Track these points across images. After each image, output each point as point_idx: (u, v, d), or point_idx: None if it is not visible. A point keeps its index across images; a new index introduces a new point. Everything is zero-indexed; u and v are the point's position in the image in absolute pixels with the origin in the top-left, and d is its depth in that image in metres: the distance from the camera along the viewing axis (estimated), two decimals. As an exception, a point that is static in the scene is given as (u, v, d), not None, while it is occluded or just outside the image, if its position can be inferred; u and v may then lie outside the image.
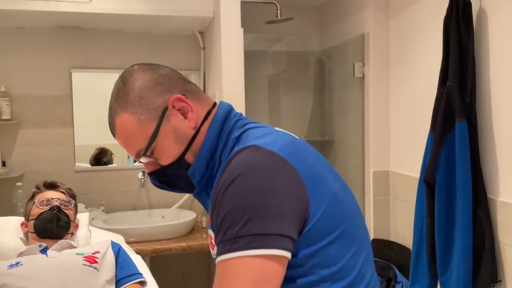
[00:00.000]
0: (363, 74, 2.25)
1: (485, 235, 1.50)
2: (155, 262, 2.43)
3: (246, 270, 0.63)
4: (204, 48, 2.56)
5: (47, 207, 1.54)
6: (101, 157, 2.61)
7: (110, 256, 1.49)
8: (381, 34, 2.17)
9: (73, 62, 2.42)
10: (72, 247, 1.51)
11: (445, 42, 1.59)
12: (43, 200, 1.56)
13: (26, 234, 1.60)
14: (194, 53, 2.58)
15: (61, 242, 1.49)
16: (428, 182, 1.62)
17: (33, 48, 2.36)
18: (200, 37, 2.54)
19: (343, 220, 0.72)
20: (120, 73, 0.81)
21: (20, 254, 1.45)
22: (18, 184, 2.22)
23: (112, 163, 2.59)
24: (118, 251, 1.53)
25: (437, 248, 1.59)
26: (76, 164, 2.47)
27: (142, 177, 2.53)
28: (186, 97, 0.79)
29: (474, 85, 1.54)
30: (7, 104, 2.29)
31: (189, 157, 0.79)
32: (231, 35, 2.06)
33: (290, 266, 0.68)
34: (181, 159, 0.78)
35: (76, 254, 1.43)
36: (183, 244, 2.19)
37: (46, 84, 2.39)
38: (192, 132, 0.78)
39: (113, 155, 2.63)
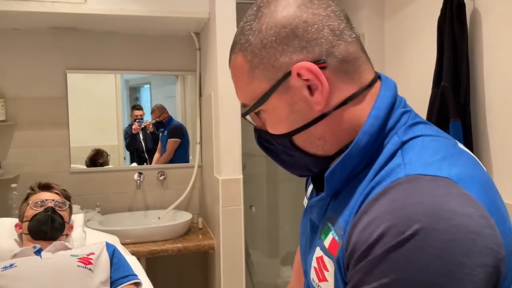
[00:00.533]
0: (359, 74, 2.25)
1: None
2: (151, 263, 2.43)
3: None
4: (199, 49, 2.56)
5: (42, 209, 1.54)
6: (97, 159, 2.61)
7: (105, 257, 1.48)
8: (376, 36, 2.17)
9: (68, 63, 2.41)
10: (66, 248, 1.50)
11: (439, 42, 1.60)
12: (37, 202, 1.56)
13: (20, 235, 1.60)
14: (190, 54, 2.58)
15: (56, 243, 1.48)
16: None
17: (28, 49, 2.36)
18: (195, 38, 2.54)
19: None
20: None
21: (14, 256, 1.44)
22: (13, 185, 2.21)
23: (108, 165, 2.59)
24: (113, 252, 1.52)
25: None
26: (72, 165, 2.47)
27: (138, 178, 2.53)
28: (325, 66, 0.55)
29: (468, 85, 1.54)
30: (2, 105, 2.28)
31: (298, 139, 0.60)
32: (227, 35, 2.06)
33: None
34: (287, 137, 0.60)
35: (71, 255, 1.43)
36: (179, 245, 2.19)
37: (41, 85, 2.38)
38: (316, 114, 0.57)
39: (109, 157, 2.62)
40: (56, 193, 1.63)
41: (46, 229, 1.50)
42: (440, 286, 0.43)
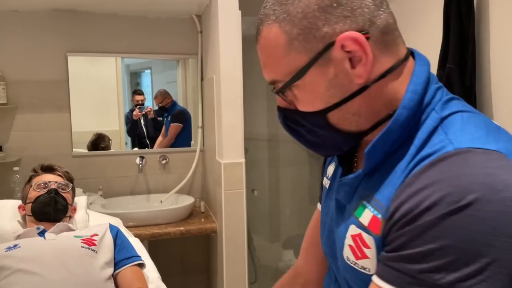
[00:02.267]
0: (362, 58, 2.23)
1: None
2: (154, 246, 2.44)
3: None
4: (201, 32, 2.53)
5: (45, 190, 1.53)
6: (98, 143, 2.60)
7: (109, 238, 1.48)
8: (381, 17, 2.15)
9: (68, 46, 2.39)
10: (70, 229, 1.51)
11: (445, 23, 1.58)
12: (40, 183, 1.55)
13: (23, 217, 1.60)
14: (191, 37, 2.55)
15: (59, 225, 1.49)
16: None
17: (28, 32, 2.33)
18: (197, 20, 2.52)
19: None
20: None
21: (18, 237, 1.44)
22: (15, 168, 2.21)
23: (109, 149, 2.58)
24: (116, 234, 1.53)
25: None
26: (73, 149, 2.46)
27: (140, 162, 2.52)
28: (369, 37, 0.54)
29: (474, 67, 1.53)
30: (3, 88, 2.26)
31: (333, 116, 0.58)
32: (228, 18, 2.03)
33: None
34: (323, 114, 0.58)
35: (74, 236, 1.43)
36: (182, 228, 2.20)
37: (42, 68, 2.36)
38: (355, 88, 0.56)
39: (110, 141, 2.62)
40: (59, 175, 1.62)
41: (50, 210, 1.50)
42: (489, 257, 0.43)
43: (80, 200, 1.77)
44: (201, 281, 2.73)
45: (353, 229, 0.58)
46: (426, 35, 1.85)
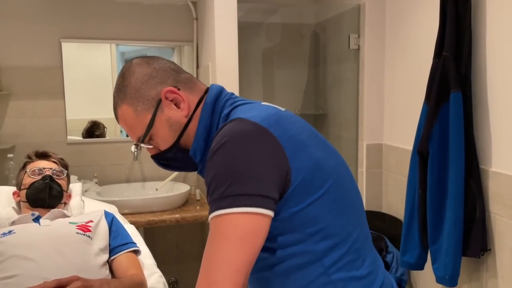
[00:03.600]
0: (358, 46, 2.22)
1: (476, 205, 1.51)
2: (149, 233, 2.44)
3: (233, 225, 0.70)
4: (197, 19, 2.51)
5: (39, 177, 1.53)
6: (93, 131, 2.59)
7: (104, 225, 1.48)
8: (377, 5, 2.14)
9: (62, 31, 2.36)
10: (65, 216, 1.50)
11: (442, 11, 1.57)
12: (35, 170, 1.55)
13: (18, 203, 1.59)
14: (187, 24, 2.53)
15: (54, 211, 1.48)
16: (421, 153, 1.62)
17: (21, 17, 2.30)
18: (192, 7, 2.49)
19: (323, 184, 0.77)
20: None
21: (13, 223, 1.44)
22: (10, 155, 2.20)
23: (105, 137, 2.57)
24: (111, 220, 1.53)
25: (428, 219, 1.60)
26: (68, 137, 2.45)
27: (135, 150, 2.51)
28: (179, 88, 0.86)
29: (470, 55, 1.53)
30: (-4, 75, 2.24)
31: (183, 142, 0.87)
32: (224, 4, 2.02)
33: (275, 224, 0.75)
34: (176, 144, 0.87)
35: (69, 223, 1.43)
36: (177, 215, 2.20)
37: (35, 55, 2.34)
38: (185, 120, 0.86)
39: (106, 129, 2.60)
40: (54, 162, 1.61)
41: (44, 196, 1.50)
42: (238, 168, 0.71)
43: (75, 187, 1.76)
44: (196, 268, 2.72)
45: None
46: (422, 24, 1.85)
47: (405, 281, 1.94)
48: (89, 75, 2.52)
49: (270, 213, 0.72)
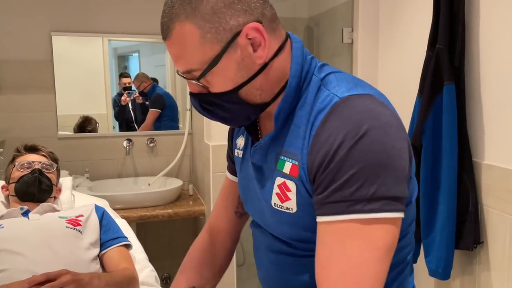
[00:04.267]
0: (352, 40, 2.21)
1: (469, 198, 1.51)
2: (142, 229, 2.43)
3: (382, 235, 0.60)
4: (189, 13, 2.48)
5: (28, 170, 1.51)
6: (85, 126, 2.56)
7: (94, 219, 1.47)
8: (371, -2, 2.13)
9: (53, 25, 2.33)
10: (54, 210, 1.48)
11: (435, 4, 1.56)
12: (24, 163, 1.52)
13: (7, 197, 1.57)
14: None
15: (43, 205, 1.46)
16: (415, 146, 1.61)
17: (11, 10, 2.27)
18: (185, 0, 2.47)
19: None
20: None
21: (1, 217, 1.42)
22: (-1, 150, 2.17)
23: (96, 132, 2.54)
24: (102, 215, 1.51)
25: (421, 211, 1.60)
26: (59, 132, 2.42)
27: (128, 145, 2.49)
28: (263, 26, 0.67)
29: (463, 47, 1.52)
30: (-15, 68, 2.21)
31: (242, 93, 0.70)
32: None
33: None
34: (236, 91, 0.69)
35: (59, 217, 1.41)
36: (170, 211, 2.19)
37: (25, 48, 2.31)
38: (257, 68, 0.68)
39: (97, 124, 2.58)
40: (43, 155, 1.59)
41: (34, 190, 1.48)
42: (389, 164, 0.60)
43: (66, 181, 1.74)
44: (189, 264, 2.72)
45: (279, 180, 0.72)
46: (416, 17, 1.84)
47: (398, 275, 1.94)
48: (81, 69, 2.49)
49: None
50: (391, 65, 2.06)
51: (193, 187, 2.49)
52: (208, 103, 0.71)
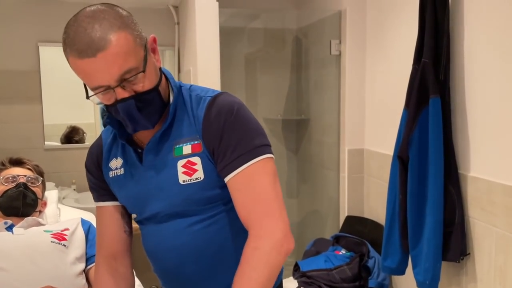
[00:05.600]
0: (340, 51, 2.23)
1: (456, 210, 1.53)
2: (129, 241, 2.40)
3: (270, 167, 0.87)
4: (178, 23, 2.49)
5: (13, 184, 1.48)
6: (72, 136, 2.54)
7: (80, 233, 1.45)
8: (358, 11, 2.15)
9: (40, 35, 2.31)
10: (39, 224, 1.46)
11: (421, 18, 1.59)
12: (8, 177, 1.50)
13: (-9, 212, 1.54)
14: (168, 28, 2.51)
15: (28, 219, 1.44)
16: (402, 158, 1.63)
17: (-3, 20, 2.25)
18: (174, 11, 2.47)
19: None
20: None
21: (-16, 232, 1.39)
22: (-16, 162, 2.13)
23: (84, 142, 2.52)
24: (88, 228, 1.49)
25: (409, 223, 1.61)
26: (46, 142, 2.39)
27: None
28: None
29: (448, 61, 1.54)
30: (-30, 79, 2.18)
31: (160, 90, 0.87)
32: (206, 9, 2.00)
33: None
34: (156, 87, 0.86)
35: (44, 231, 1.39)
36: (157, 222, 2.16)
37: (11, 58, 2.28)
38: (159, 72, 0.88)
39: (85, 134, 2.56)
40: (28, 169, 1.57)
41: (18, 205, 1.45)
42: (256, 125, 0.89)
43: (51, 194, 1.72)
44: (178, 275, 2.70)
45: (181, 162, 0.89)
46: (402, 30, 1.87)
47: (387, 286, 1.94)
48: (68, 79, 2.46)
49: None
50: (378, 78, 2.09)
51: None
52: (143, 101, 0.84)
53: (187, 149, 0.89)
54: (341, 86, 2.24)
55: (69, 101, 2.49)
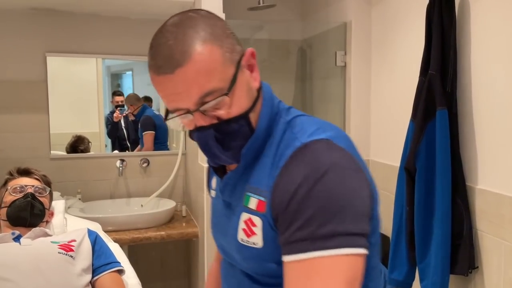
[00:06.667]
0: (345, 63, 2.24)
1: (463, 222, 1.52)
2: (134, 251, 2.39)
3: (347, 270, 0.61)
4: (184, 34, 2.50)
5: (21, 195, 1.49)
6: (77, 145, 2.54)
7: (87, 244, 1.45)
8: (364, 23, 2.16)
9: (48, 46, 2.33)
10: (47, 235, 1.46)
11: (427, 30, 1.60)
12: (16, 187, 1.50)
13: (-2, 222, 1.54)
14: (175, 39, 2.52)
15: (35, 230, 1.44)
16: (408, 170, 1.63)
17: (6, 31, 2.27)
18: (180, 22, 2.49)
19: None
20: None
21: (-8, 243, 1.39)
22: (-10, 171, 2.14)
23: (89, 152, 2.53)
24: (95, 239, 1.49)
25: (416, 236, 1.60)
26: (52, 152, 2.40)
27: (120, 165, 2.48)
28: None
29: (455, 73, 1.55)
30: (-22, 88, 2.19)
31: (251, 117, 0.71)
32: (212, 20, 2.01)
33: None
34: (248, 113, 0.70)
35: (51, 242, 1.39)
36: (163, 233, 2.16)
37: (19, 68, 2.30)
38: (255, 93, 0.72)
39: (90, 143, 2.57)
40: (36, 179, 1.57)
41: (26, 215, 1.45)
42: (346, 203, 0.62)
43: (58, 205, 1.72)
44: (182, 286, 2.69)
45: (244, 216, 0.73)
46: (408, 42, 1.87)
47: (393, 299, 1.93)
48: (75, 88, 2.49)
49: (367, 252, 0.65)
50: (383, 89, 2.09)
51: (186, 208, 2.48)
52: (224, 132, 0.69)
53: (253, 202, 0.72)
54: (346, 97, 2.25)
55: (74, 109, 2.51)
